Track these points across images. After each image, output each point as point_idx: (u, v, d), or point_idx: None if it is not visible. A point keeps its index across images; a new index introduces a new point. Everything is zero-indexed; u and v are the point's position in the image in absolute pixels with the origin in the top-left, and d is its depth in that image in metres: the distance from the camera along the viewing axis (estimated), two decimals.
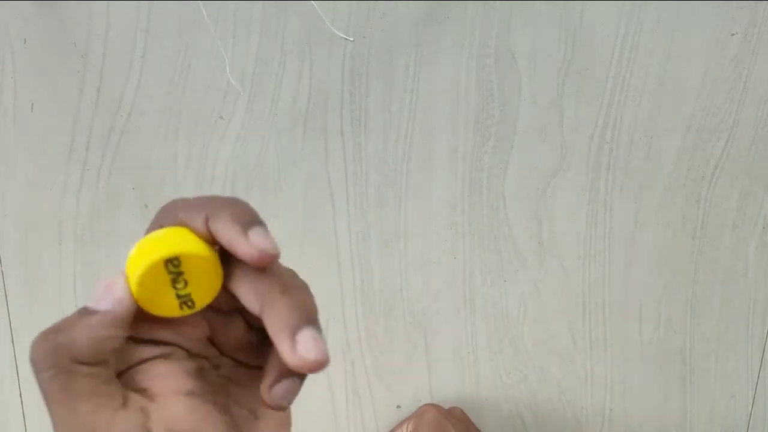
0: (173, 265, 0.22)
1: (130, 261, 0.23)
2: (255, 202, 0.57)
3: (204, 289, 0.23)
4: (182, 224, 0.23)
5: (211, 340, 0.25)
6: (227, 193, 0.53)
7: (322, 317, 0.60)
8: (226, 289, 0.23)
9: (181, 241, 0.22)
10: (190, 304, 0.23)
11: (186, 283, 0.23)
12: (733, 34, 0.51)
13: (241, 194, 0.53)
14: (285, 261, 0.58)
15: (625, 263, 0.57)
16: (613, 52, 0.51)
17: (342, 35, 0.49)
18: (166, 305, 0.23)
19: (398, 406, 0.60)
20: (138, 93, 0.50)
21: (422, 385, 0.60)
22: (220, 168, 0.52)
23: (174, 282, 0.22)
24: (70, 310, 0.55)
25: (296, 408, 0.64)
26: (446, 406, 0.60)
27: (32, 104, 0.50)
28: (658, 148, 0.54)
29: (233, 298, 0.23)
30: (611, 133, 0.54)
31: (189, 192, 0.53)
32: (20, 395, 0.57)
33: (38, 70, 0.49)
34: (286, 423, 0.25)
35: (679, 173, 0.55)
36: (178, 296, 0.23)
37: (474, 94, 0.52)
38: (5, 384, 0.57)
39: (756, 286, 0.59)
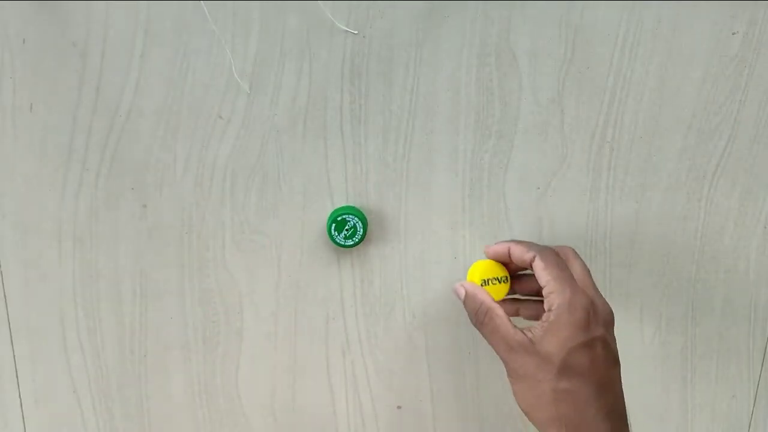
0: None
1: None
2: (254, 202, 0.57)
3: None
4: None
5: None
6: (226, 192, 0.53)
7: (323, 317, 0.60)
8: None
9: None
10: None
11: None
12: (734, 33, 0.51)
13: (240, 194, 0.53)
14: (284, 261, 0.58)
15: (626, 263, 0.57)
16: (613, 51, 0.51)
17: (346, 28, 0.49)
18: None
19: (398, 407, 0.60)
20: (137, 93, 0.50)
21: (422, 385, 0.60)
22: (220, 168, 0.52)
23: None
24: (69, 310, 0.55)
25: (296, 408, 0.64)
26: (447, 407, 0.60)
27: (31, 104, 0.50)
28: (659, 148, 0.54)
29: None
30: (612, 132, 0.53)
31: (188, 192, 0.53)
32: (19, 396, 0.57)
33: (37, 70, 0.49)
34: None
35: (680, 173, 0.55)
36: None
37: (474, 94, 0.52)
38: (5, 385, 0.57)
39: (757, 285, 0.59)
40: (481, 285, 0.50)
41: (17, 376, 0.57)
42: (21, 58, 0.49)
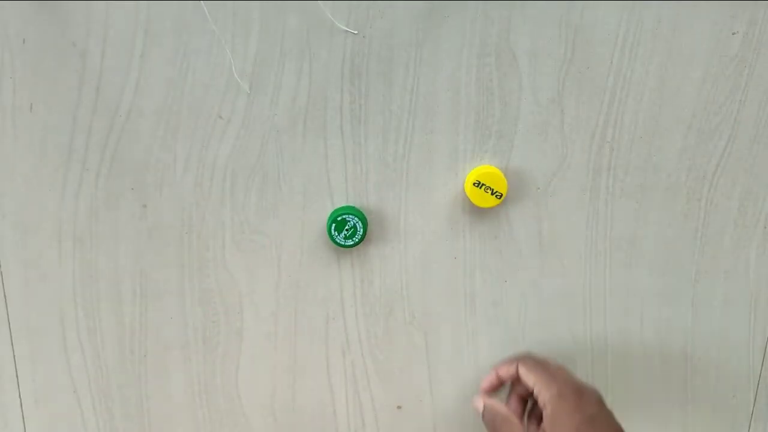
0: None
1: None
2: (254, 202, 0.57)
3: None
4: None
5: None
6: (226, 192, 0.53)
7: (323, 317, 0.60)
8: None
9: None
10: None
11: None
12: (734, 33, 0.51)
13: (240, 194, 0.53)
14: (284, 261, 0.58)
15: (626, 263, 0.57)
16: (613, 51, 0.51)
17: (346, 28, 0.49)
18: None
19: (398, 407, 0.60)
20: (137, 93, 0.50)
21: (422, 385, 0.60)
22: (220, 168, 0.52)
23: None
24: (69, 310, 0.55)
25: (296, 408, 0.63)
26: (447, 406, 0.60)
27: (31, 104, 0.50)
28: (659, 148, 0.54)
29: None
30: (612, 132, 0.54)
31: (188, 192, 0.53)
32: (19, 396, 0.57)
33: (37, 70, 0.49)
34: None
35: (680, 173, 0.55)
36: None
37: (474, 94, 0.52)
38: (5, 385, 0.57)
39: (757, 285, 0.59)
40: (473, 185, 0.52)
41: (17, 376, 0.57)
42: (21, 58, 0.49)
